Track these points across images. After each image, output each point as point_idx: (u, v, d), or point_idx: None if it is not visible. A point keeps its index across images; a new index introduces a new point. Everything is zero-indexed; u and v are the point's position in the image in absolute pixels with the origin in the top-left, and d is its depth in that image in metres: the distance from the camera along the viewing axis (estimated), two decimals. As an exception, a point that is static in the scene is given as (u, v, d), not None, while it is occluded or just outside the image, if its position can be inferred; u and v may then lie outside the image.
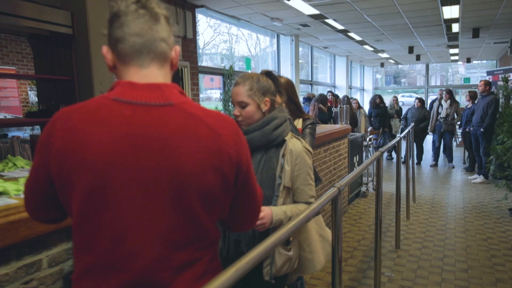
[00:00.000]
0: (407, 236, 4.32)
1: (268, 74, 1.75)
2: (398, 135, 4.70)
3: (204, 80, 9.13)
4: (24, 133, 6.50)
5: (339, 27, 8.62)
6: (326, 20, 7.92)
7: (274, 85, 1.73)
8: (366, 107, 10.40)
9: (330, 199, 1.74)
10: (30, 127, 6.66)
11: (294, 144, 1.74)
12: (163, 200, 0.95)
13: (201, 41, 8.34)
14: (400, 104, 10.70)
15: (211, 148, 0.98)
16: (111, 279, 0.96)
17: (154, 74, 1.01)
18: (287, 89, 2.29)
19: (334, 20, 7.93)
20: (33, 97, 7.87)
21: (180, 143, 0.95)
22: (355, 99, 8.73)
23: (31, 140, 3.52)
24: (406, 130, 5.14)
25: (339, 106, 5.81)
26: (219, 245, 1.68)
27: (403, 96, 20.48)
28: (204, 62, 8.58)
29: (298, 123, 2.32)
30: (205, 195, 0.99)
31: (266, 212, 1.60)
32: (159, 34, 0.99)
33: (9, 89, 7.60)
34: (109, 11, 1.01)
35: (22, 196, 1.43)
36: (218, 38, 9.05)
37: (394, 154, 9.72)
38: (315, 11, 7.16)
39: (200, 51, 8.33)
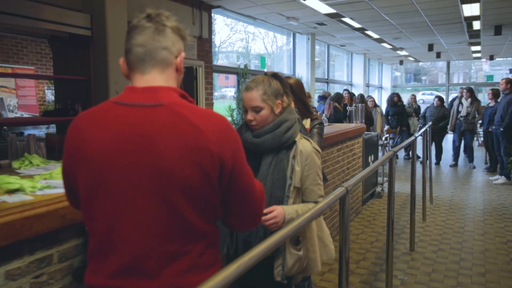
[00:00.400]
0: (422, 238, 4.26)
1: (274, 76, 1.77)
2: (415, 134, 4.63)
3: (219, 78, 9.18)
4: (40, 131, 6.65)
5: (356, 25, 8.55)
6: (343, 19, 7.87)
7: (282, 86, 1.75)
8: (384, 105, 10.29)
9: (337, 199, 1.74)
10: (46, 126, 6.80)
11: (304, 145, 1.77)
12: (148, 193, 1.04)
13: (217, 39, 8.40)
14: (420, 102, 10.56)
15: (192, 144, 1.03)
16: (108, 261, 1.08)
17: (155, 79, 1.12)
18: (296, 89, 2.30)
19: (351, 18, 7.87)
20: (50, 96, 8.03)
21: (163, 140, 1.03)
22: (371, 97, 8.64)
23: (46, 138, 3.62)
24: (423, 129, 5.06)
25: (354, 104, 5.77)
26: (220, 242, 1.71)
27: (423, 94, 20.12)
28: (220, 60, 8.62)
29: (306, 123, 2.33)
30: (187, 189, 1.05)
31: (279, 211, 1.62)
32: (160, 44, 1.11)
33: (27, 88, 7.78)
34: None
35: (37, 192, 1.48)
36: (235, 36, 9.08)
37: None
38: (331, 10, 7.12)
39: (216, 49, 8.40)
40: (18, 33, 6.21)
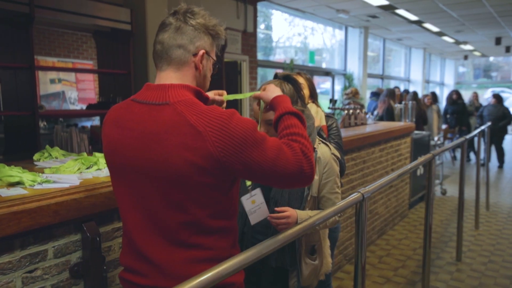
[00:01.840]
0: (472, 248, 3.91)
1: (287, 78, 1.60)
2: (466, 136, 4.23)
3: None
4: (92, 123, 6.95)
5: (412, 18, 8.07)
6: (397, 11, 7.45)
7: (295, 90, 1.59)
8: (444, 103, 9.67)
9: (352, 205, 1.59)
10: (99, 118, 7.10)
11: (323, 151, 1.64)
12: (152, 186, 1.11)
13: (275, 34, 8.41)
14: (489, 100, 9.76)
15: (190, 144, 1.05)
16: (127, 244, 1.22)
17: (168, 77, 1.16)
18: (311, 84, 2.14)
19: (406, 10, 7.44)
20: (106, 89, 8.37)
21: (165, 139, 1.07)
22: (428, 95, 8.13)
23: (91, 130, 3.73)
24: (479, 129, 4.65)
25: (403, 102, 5.43)
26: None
27: (493, 91, 18.71)
28: (277, 55, 8.58)
29: (322, 120, 2.13)
30: (188, 186, 1.08)
31: (292, 213, 1.52)
32: (176, 42, 1.15)
33: (86, 81, 8.18)
34: None
35: (36, 187, 1.47)
36: (293, 31, 8.95)
37: (472, 156, 8.95)
38: (384, 2, 6.77)
39: (274, 44, 8.35)
40: (61, 28, 6.49)
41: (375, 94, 7.62)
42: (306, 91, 2.13)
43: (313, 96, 2.16)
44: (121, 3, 4.11)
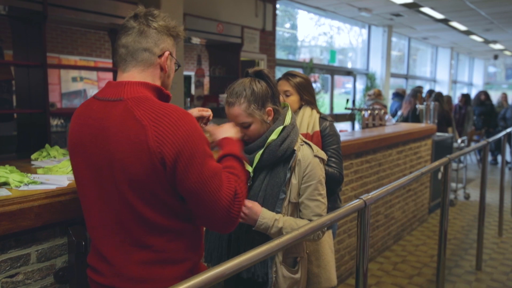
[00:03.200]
0: (494, 256, 3.72)
1: (259, 74, 1.47)
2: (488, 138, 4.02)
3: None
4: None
5: (438, 16, 7.80)
6: (422, 9, 7.21)
7: (269, 87, 1.46)
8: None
9: (353, 212, 1.49)
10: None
11: (304, 153, 1.49)
12: (104, 183, 1.12)
13: (300, 34, 8.39)
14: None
15: (133, 139, 1.05)
16: (92, 243, 1.24)
17: (132, 76, 1.17)
18: (301, 89, 2.00)
19: (431, 8, 7.19)
20: (127, 88, 8.46)
21: (113, 134, 1.08)
22: (449, 96, 7.82)
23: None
24: (504, 132, 4.42)
25: (425, 102, 5.23)
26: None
27: (524, 92, 17.97)
28: (302, 54, 8.53)
29: (315, 125, 1.97)
30: (133, 183, 1.07)
31: (255, 210, 1.40)
32: (141, 45, 1.17)
33: (107, 80, 8.28)
34: None
35: (22, 188, 1.43)
36: (318, 31, 8.85)
37: (500, 159, 8.59)
38: (408, 0, 6.56)
39: (299, 43, 8.27)
40: (75, 26, 6.55)
41: (397, 95, 7.40)
42: (294, 97, 2.01)
43: (307, 100, 2.02)
44: (136, 1, 4.09)
